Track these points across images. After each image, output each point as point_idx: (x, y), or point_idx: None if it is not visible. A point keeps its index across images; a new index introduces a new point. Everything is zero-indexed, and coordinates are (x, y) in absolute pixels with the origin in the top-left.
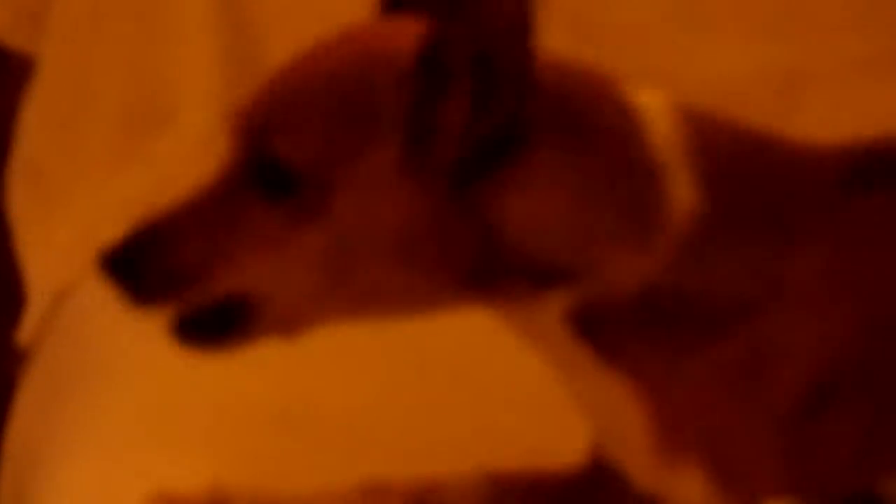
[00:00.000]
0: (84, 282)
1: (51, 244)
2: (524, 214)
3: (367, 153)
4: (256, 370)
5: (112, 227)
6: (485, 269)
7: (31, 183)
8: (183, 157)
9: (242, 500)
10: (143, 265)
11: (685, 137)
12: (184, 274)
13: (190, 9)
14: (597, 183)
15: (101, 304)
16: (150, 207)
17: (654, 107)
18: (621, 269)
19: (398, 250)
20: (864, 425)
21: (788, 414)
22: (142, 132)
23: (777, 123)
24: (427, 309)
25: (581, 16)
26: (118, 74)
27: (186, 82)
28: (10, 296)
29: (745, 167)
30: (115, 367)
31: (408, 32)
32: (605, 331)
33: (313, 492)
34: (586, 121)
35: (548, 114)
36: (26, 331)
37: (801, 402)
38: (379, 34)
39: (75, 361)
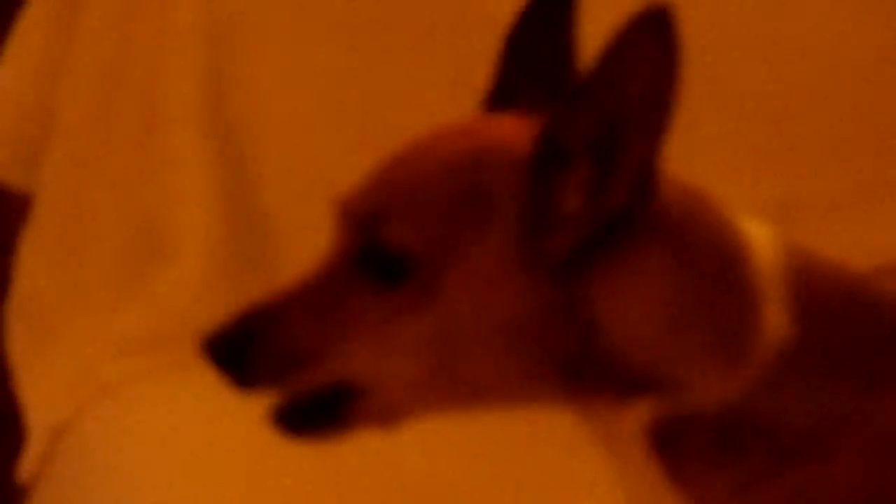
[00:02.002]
0: (83, 417)
1: (50, 380)
2: (625, 312)
3: (482, 241)
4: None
5: (112, 363)
6: (580, 368)
7: (31, 318)
8: (182, 291)
9: None
10: (249, 349)
11: (786, 270)
12: (291, 358)
13: (186, 143)
14: (697, 294)
15: (100, 439)
16: (150, 343)
17: (760, 235)
18: (706, 387)
19: (504, 340)
20: None
21: None
22: (141, 267)
23: None
24: (519, 404)
25: None
26: (116, 209)
27: (184, 216)
28: (11, 431)
29: (838, 309)
30: (115, 500)
31: (515, 126)
32: (677, 449)
33: None
34: (694, 231)
35: (659, 215)
36: (27, 466)
37: None
38: (488, 127)
39: (75, 497)
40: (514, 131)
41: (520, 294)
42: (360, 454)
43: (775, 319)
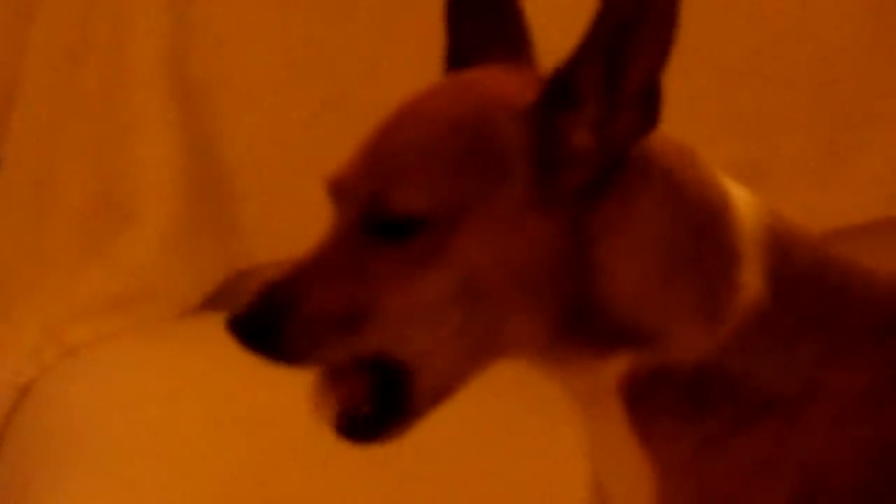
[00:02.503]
0: (47, 377)
1: (15, 342)
2: (624, 255)
3: (493, 191)
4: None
5: (75, 324)
6: (578, 317)
7: None
8: (145, 253)
9: None
10: (284, 322)
11: (764, 233)
12: (330, 324)
13: (148, 108)
14: (682, 243)
15: (64, 399)
16: (113, 305)
17: (741, 196)
18: (684, 342)
19: (522, 283)
20: None
21: None
22: (104, 229)
23: None
24: (519, 351)
25: None
26: (79, 174)
27: (146, 180)
28: None
29: (811, 275)
30: (79, 459)
31: (501, 77)
32: (647, 405)
33: None
34: (681, 182)
35: (649, 163)
36: None
37: None
38: (476, 81)
39: (39, 457)
40: (506, 81)
41: (533, 237)
42: None
43: (752, 280)
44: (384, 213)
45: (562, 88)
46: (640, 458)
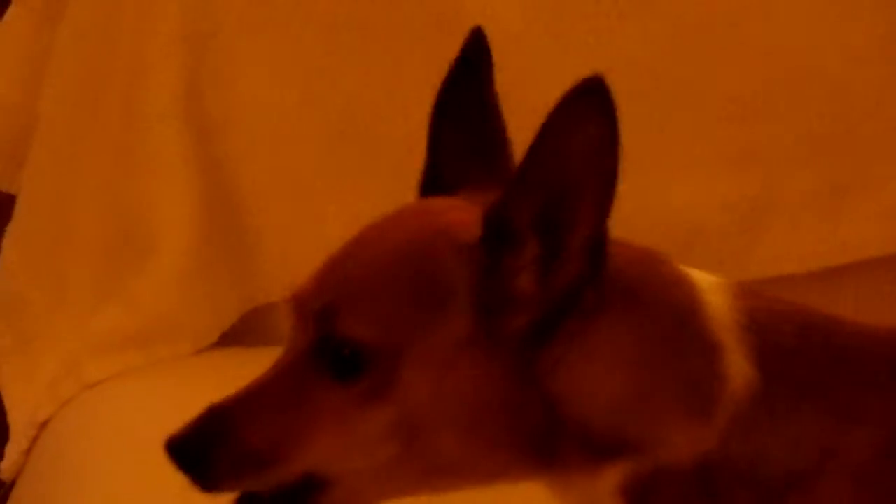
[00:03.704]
0: (65, 414)
1: (33, 377)
2: (586, 383)
3: (436, 327)
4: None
5: (93, 360)
6: (548, 441)
7: (13, 317)
8: (162, 290)
9: None
10: (212, 451)
11: (740, 314)
12: (254, 459)
13: (166, 144)
14: (657, 355)
15: (81, 435)
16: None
17: (709, 284)
18: (678, 442)
19: (467, 422)
20: None
21: None
22: (121, 265)
23: (739, 252)
24: (489, 481)
25: None
26: (97, 209)
27: (163, 216)
28: None
29: (796, 345)
30: (96, 494)
31: (461, 208)
32: (656, 502)
33: None
34: (647, 293)
35: (611, 281)
36: (9, 463)
37: None
38: (434, 211)
39: (57, 492)
40: (461, 214)
41: (479, 375)
42: None
43: (738, 366)
44: (333, 338)
45: (498, 227)
46: None
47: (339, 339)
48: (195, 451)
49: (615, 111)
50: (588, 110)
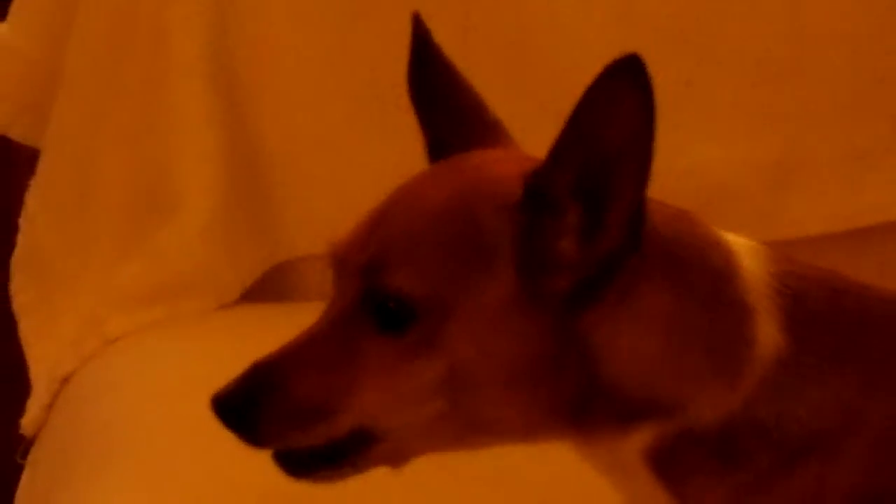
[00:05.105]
0: (87, 369)
1: (55, 333)
2: (625, 343)
3: (481, 285)
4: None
5: (116, 316)
6: (585, 401)
7: (35, 272)
8: (185, 245)
9: None
10: (260, 407)
11: (773, 279)
12: (304, 414)
13: (190, 98)
14: (692, 317)
15: (104, 390)
16: (153, 296)
17: (744, 248)
18: (707, 405)
19: (510, 380)
20: None
21: None
22: (144, 220)
23: (767, 213)
24: (527, 439)
25: None
26: (121, 165)
27: (187, 172)
28: (16, 383)
29: (826, 311)
30: (119, 449)
31: (501, 162)
32: (677, 466)
33: None
34: (683, 254)
35: (650, 246)
36: (30, 419)
37: None
38: (478, 166)
39: (79, 447)
40: (504, 169)
41: (522, 334)
42: None
43: (768, 331)
44: (380, 292)
45: (537, 194)
46: None
47: (386, 293)
48: (243, 407)
49: (652, 89)
50: (626, 86)
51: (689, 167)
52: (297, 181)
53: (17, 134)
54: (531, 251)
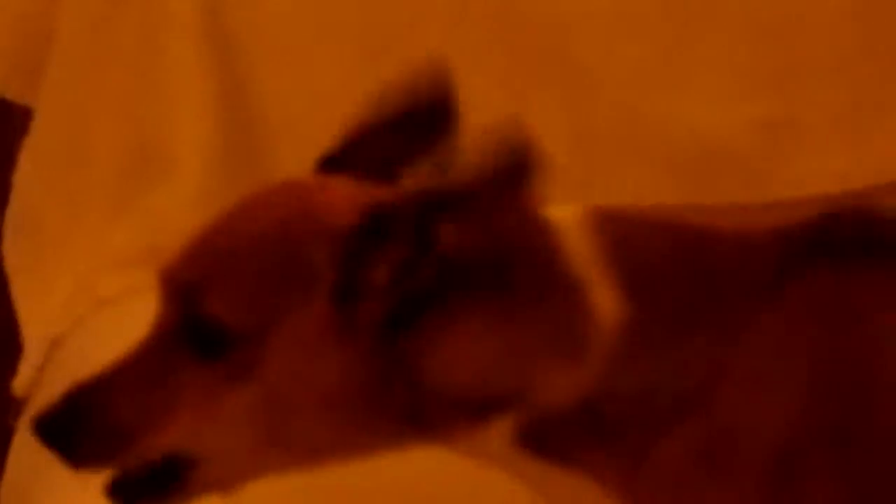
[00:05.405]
0: (79, 330)
1: (47, 293)
2: (448, 355)
3: (297, 311)
4: None
5: (108, 276)
6: (419, 413)
7: (28, 233)
8: (179, 206)
9: None
10: (77, 429)
11: (601, 247)
12: (117, 437)
13: (184, 60)
14: (518, 311)
15: (96, 352)
16: (147, 257)
17: (567, 222)
18: (556, 386)
19: (330, 404)
20: (840, 487)
21: (760, 489)
22: (138, 182)
23: (765, 174)
24: (369, 453)
25: (571, 71)
26: (114, 125)
27: (182, 132)
28: (7, 345)
29: (666, 267)
30: None
31: (334, 190)
32: (555, 444)
33: None
34: (501, 253)
35: (463, 258)
36: (23, 380)
37: (771, 475)
38: (307, 191)
39: None
40: (335, 197)
41: (337, 361)
42: None
43: (605, 301)
44: (198, 316)
45: (379, 225)
46: (583, 485)
47: (203, 318)
48: (60, 427)
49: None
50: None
51: (688, 129)
52: (293, 141)
53: (11, 94)
54: (345, 278)
